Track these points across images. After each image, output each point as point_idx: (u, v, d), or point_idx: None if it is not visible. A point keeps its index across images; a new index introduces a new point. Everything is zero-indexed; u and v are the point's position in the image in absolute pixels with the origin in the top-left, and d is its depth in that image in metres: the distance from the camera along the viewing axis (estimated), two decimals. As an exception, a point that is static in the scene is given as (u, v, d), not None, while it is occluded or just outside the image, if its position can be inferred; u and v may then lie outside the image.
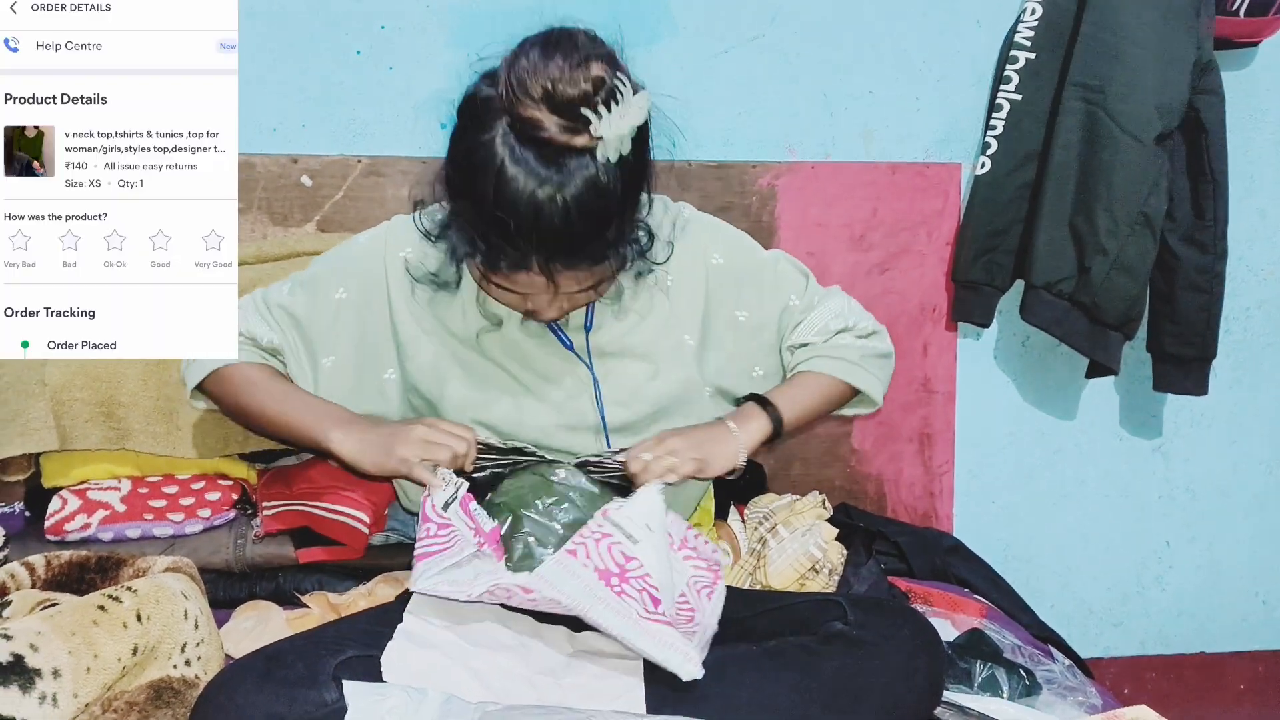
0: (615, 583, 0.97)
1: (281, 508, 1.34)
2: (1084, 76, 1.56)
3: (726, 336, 1.21)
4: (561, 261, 0.95)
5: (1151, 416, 1.87)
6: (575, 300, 1.03)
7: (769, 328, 1.23)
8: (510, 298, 1.02)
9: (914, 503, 1.78)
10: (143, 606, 0.84)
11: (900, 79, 1.69)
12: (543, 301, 1.01)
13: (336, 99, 1.56)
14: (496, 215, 0.92)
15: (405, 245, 1.14)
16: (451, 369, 1.13)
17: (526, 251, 0.94)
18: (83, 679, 0.76)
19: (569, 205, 0.91)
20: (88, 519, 1.32)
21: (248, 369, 1.16)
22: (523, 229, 0.92)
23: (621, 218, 0.97)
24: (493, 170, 0.92)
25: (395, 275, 1.14)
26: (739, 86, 1.65)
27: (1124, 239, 1.58)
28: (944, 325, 1.75)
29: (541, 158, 0.91)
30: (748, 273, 1.22)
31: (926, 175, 1.71)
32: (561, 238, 0.93)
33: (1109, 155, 1.55)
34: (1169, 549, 1.92)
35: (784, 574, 1.30)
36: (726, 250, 1.21)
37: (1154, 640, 1.94)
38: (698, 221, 1.21)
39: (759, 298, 1.22)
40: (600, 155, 0.91)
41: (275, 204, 1.55)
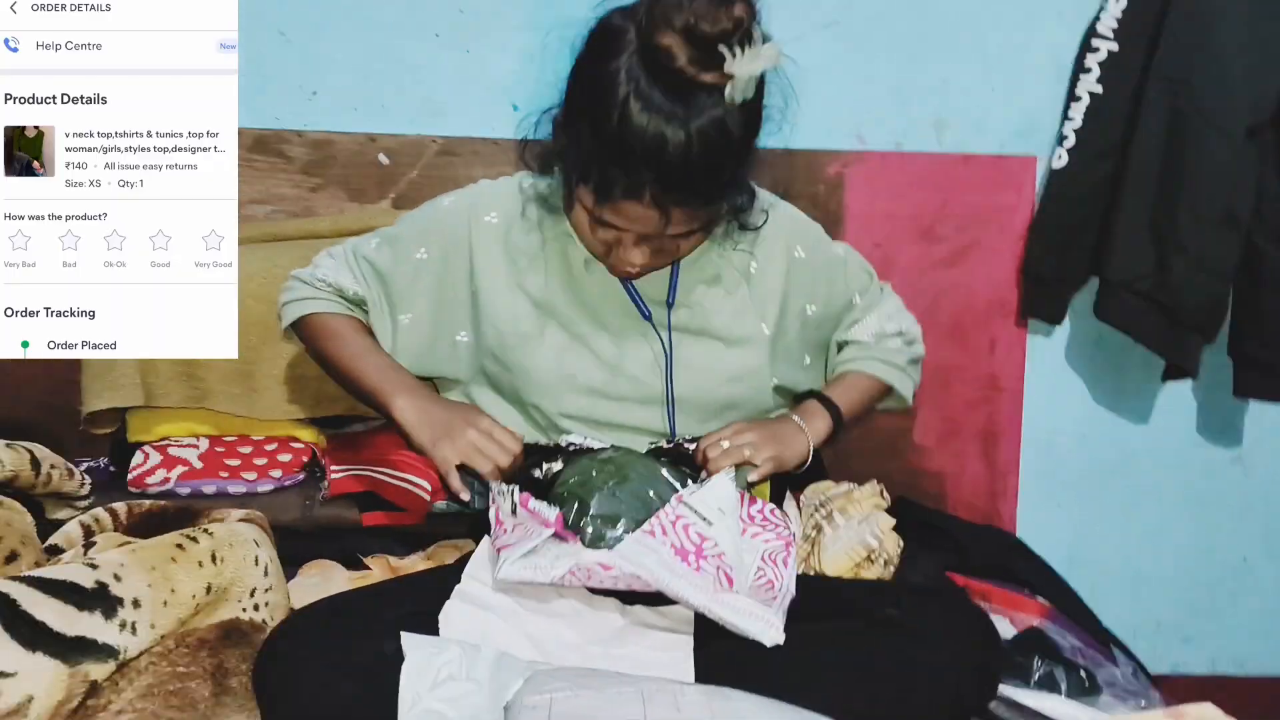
0: (692, 559, 0.99)
1: (348, 472, 1.39)
2: (1169, 68, 1.52)
3: (793, 326, 1.22)
4: (676, 196, 0.95)
5: (1231, 424, 1.81)
6: (664, 250, 1.04)
7: (830, 322, 1.26)
8: (608, 235, 1.03)
9: (975, 501, 1.76)
10: (218, 548, 0.87)
11: (976, 69, 1.66)
12: (635, 249, 1.02)
13: (414, 80, 1.60)
14: (618, 141, 0.93)
15: (492, 210, 1.17)
16: (531, 334, 1.15)
17: (643, 181, 0.94)
18: (160, 611, 0.80)
19: (691, 139, 0.92)
20: (167, 474, 1.38)
21: (334, 320, 1.20)
22: (645, 157, 0.93)
23: (737, 162, 0.98)
24: (618, 97, 0.93)
25: (479, 238, 1.16)
26: (811, 73, 1.63)
27: (1206, 237, 1.53)
28: (1013, 321, 1.72)
29: (669, 88, 0.92)
30: (824, 268, 1.24)
31: (1000, 168, 1.68)
32: (679, 170, 0.93)
33: (1193, 150, 1.51)
34: (1246, 564, 1.85)
35: (838, 561, 1.28)
36: (809, 244, 1.22)
37: (1226, 659, 1.88)
38: (783, 210, 1.23)
39: (829, 294, 1.24)
40: (727, 95, 0.92)
41: (352, 180, 1.60)
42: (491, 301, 1.15)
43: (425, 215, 1.23)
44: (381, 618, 0.93)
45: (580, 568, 0.96)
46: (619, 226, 1.00)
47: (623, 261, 1.05)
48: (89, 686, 0.76)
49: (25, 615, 0.73)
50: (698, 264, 1.16)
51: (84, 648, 0.75)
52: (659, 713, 0.81)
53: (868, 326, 1.28)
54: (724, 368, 1.17)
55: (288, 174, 1.59)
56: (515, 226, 1.15)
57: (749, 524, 1.11)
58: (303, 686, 0.88)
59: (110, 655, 0.77)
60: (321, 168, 1.59)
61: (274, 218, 1.60)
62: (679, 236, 1.02)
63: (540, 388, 1.14)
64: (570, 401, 1.14)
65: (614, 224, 1.00)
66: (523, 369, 1.15)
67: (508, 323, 1.15)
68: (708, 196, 0.98)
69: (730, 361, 1.17)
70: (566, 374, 1.14)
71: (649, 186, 0.94)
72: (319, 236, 1.55)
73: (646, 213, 0.97)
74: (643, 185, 0.94)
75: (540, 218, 1.15)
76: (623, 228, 1.00)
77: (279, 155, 1.58)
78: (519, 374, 1.15)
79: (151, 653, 0.81)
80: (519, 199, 1.18)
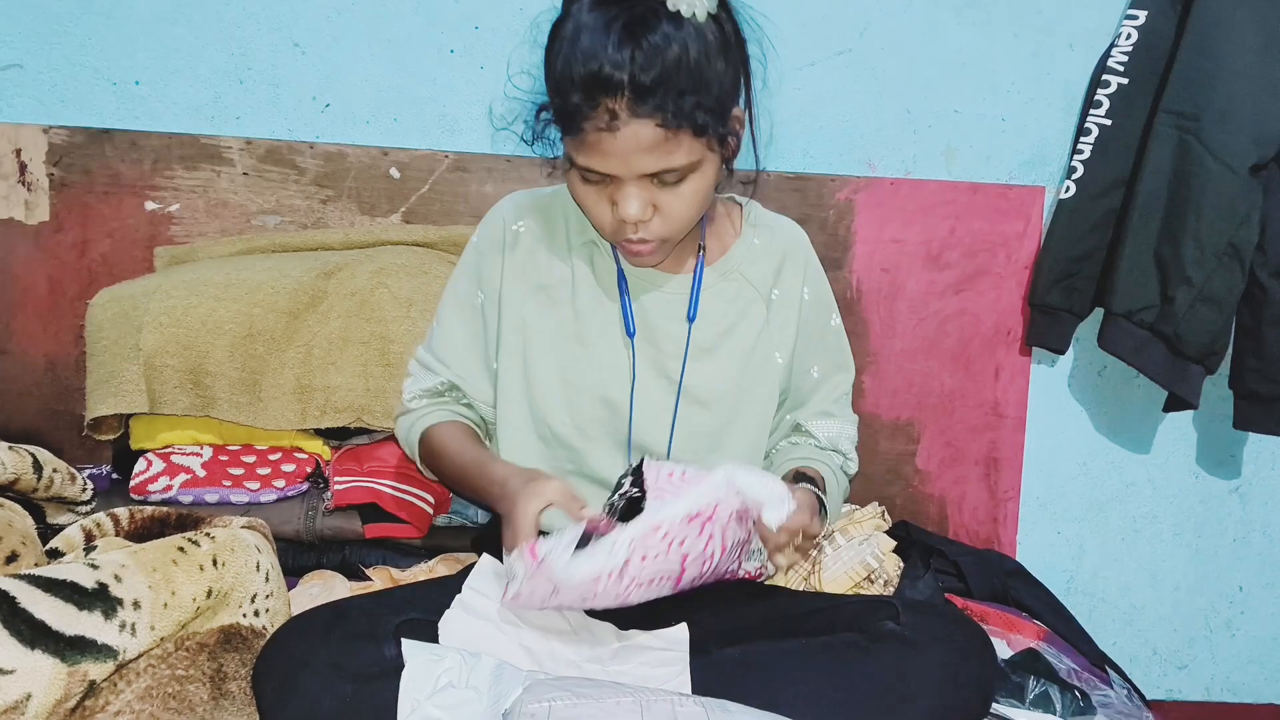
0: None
1: (352, 484, 1.39)
2: (1178, 103, 1.53)
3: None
4: (628, 101, 0.94)
5: (1230, 456, 1.81)
6: (661, 206, 1.03)
7: (788, 372, 1.24)
8: (602, 195, 1.03)
9: (976, 527, 1.76)
10: (219, 553, 0.87)
11: (987, 99, 1.68)
12: (630, 199, 1.00)
13: (428, 95, 1.62)
14: (568, 63, 0.96)
15: (520, 219, 1.20)
16: (546, 337, 1.16)
17: (597, 98, 0.95)
18: (160, 613, 0.80)
19: (635, 47, 0.93)
20: (170, 481, 1.38)
21: (435, 434, 1.20)
22: (589, 66, 0.94)
23: (693, 80, 0.96)
24: (566, 27, 0.97)
25: (512, 248, 1.19)
26: (823, 99, 1.66)
27: (1210, 270, 1.54)
28: (1018, 349, 1.73)
29: (611, 3, 0.95)
30: (817, 324, 1.26)
31: (1009, 197, 1.69)
32: (629, 79, 0.93)
33: (1199, 184, 1.52)
34: (1242, 594, 1.85)
35: (839, 580, 1.29)
36: (814, 287, 1.25)
37: (1220, 687, 1.87)
38: (807, 247, 1.26)
39: (808, 347, 1.25)
40: (671, 5, 0.95)
41: (364, 193, 1.61)
42: (515, 322, 1.17)
43: (465, 264, 1.24)
44: (382, 624, 0.93)
45: (637, 541, 0.91)
46: (600, 171, 1.00)
47: (625, 216, 1.02)
48: (88, 686, 0.75)
49: (24, 613, 0.73)
50: (719, 279, 1.18)
51: (83, 647, 0.75)
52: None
53: (830, 431, 1.27)
54: (735, 393, 1.17)
55: (299, 185, 1.60)
56: (538, 231, 1.19)
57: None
58: (302, 690, 0.87)
59: (109, 656, 0.76)
60: (333, 180, 1.60)
61: (284, 228, 1.61)
62: (664, 179, 1.01)
63: (553, 397, 1.15)
64: (585, 416, 1.15)
65: (595, 169, 1.00)
66: (534, 378, 1.16)
67: (530, 331, 1.17)
68: (662, 109, 0.95)
69: (742, 387, 1.17)
70: (565, 379, 1.15)
71: (604, 100, 0.95)
72: (329, 248, 1.57)
73: (615, 141, 0.96)
74: (597, 102, 0.95)
75: (565, 217, 1.19)
76: (602, 172, 1.00)
77: (291, 166, 1.59)
78: (532, 380, 1.16)
79: (151, 655, 0.81)
80: (541, 205, 1.21)
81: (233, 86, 1.58)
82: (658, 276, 1.18)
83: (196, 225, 1.59)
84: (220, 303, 1.40)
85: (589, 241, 1.19)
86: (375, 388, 1.41)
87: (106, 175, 1.56)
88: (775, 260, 1.22)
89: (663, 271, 1.18)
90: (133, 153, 1.56)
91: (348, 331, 1.41)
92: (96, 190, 1.56)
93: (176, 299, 1.39)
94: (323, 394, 1.41)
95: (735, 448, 1.18)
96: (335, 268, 1.48)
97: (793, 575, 1.32)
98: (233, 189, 1.58)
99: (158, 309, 1.38)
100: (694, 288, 1.17)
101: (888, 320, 1.70)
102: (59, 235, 1.56)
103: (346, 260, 1.50)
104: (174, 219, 1.58)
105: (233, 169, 1.58)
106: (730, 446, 1.18)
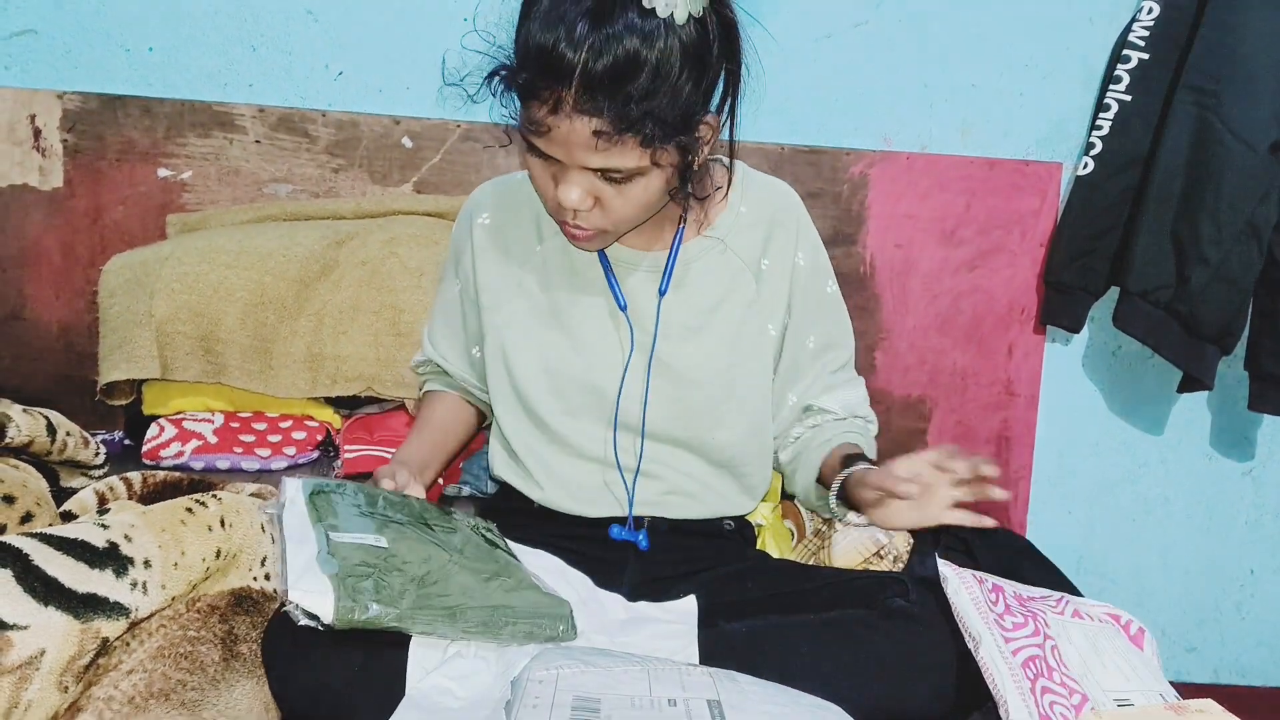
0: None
1: (362, 452, 1.39)
2: (1199, 80, 1.51)
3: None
4: (574, 94, 0.89)
5: (1244, 438, 1.80)
6: (603, 199, 0.99)
7: (780, 343, 1.21)
8: (546, 171, 0.99)
9: (986, 506, 1.74)
10: (226, 514, 0.88)
11: (1005, 73, 1.66)
12: (570, 186, 0.96)
13: (440, 63, 1.60)
14: (528, 34, 0.91)
15: (483, 212, 1.19)
16: (524, 327, 1.15)
17: (545, 71, 0.89)
18: (170, 573, 0.80)
19: (600, 12, 0.88)
20: (182, 447, 1.38)
21: (427, 403, 1.29)
22: (551, 28, 0.88)
23: (650, 89, 0.90)
24: (532, 3, 0.92)
25: (479, 243, 1.18)
26: (839, 72, 1.65)
27: (1228, 249, 1.52)
28: (1032, 328, 1.72)
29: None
30: (814, 293, 1.21)
31: (1025, 173, 1.68)
32: (579, 49, 0.88)
33: (1218, 162, 1.50)
34: (1252, 577, 1.85)
35: (848, 556, 1.28)
36: (808, 253, 1.20)
37: (1229, 669, 1.87)
38: (799, 211, 1.20)
39: (804, 315, 1.21)
40: (647, 2, 0.88)
41: (376, 163, 1.60)
42: (492, 304, 1.17)
43: (450, 249, 1.26)
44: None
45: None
46: (547, 155, 0.96)
47: (562, 202, 0.99)
48: (101, 644, 0.76)
49: (38, 570, 0.73)
50: (703, 252, 1.15)
51: (95, 605, 0.75)
52: (664, 690, 0.81)
53: (843, 400, 1.25)
54: (714, 369, 1.14)
55: (311, 154, 1.59)
56: (508, 225, 1.18)
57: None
58: (312, 659, 0.88)
59: (121, 614, 0.77)
60: (345, 149, 1.59)
61: (296, 197, 1.61)
62: (608, 175, 0.96)
63: (525, 382, 1.15)
64: (546, 392, 1.15)
65: (543, 151, 0.96)
66: (514, 364, 1.15)
67: (505, 318, 1.16)
68: (612, 114, 0.90)
69: (731, 366, 1.14)
70: (548, 367, 1.14)
71: (553, 84, 0.90)
72: (340, 218, 1.56)
73: (556, 131, 0.92)
74: (547, 84, 0.90)
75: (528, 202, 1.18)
76: (548, 155, 0.96)
77: (303, 135, 1.59)
78: (512, 367, 1.15)
79: (162, 615, 0.81)
80: (509, 194, 1.19)
81: (245, 54, 1.58)
82: (634, 255, 1.14)
83: (208, 193, 1.59)
84: (232, 270, 1.40)
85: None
86: (386, 357, 1.41)
87: (120, 142, 1.56)
88: (763, 228, 1.17)
89: (638, 251, 1.15)
90: (145, 119, 1.56)
91: (359, 300, 1.41)
92: (109, 157, 1.56)
93: (189, 266, 1.39)
94: (333, 362, 1.41)
95: (736, 425, 1.16)
96: (347, 237, 1.47)
97: (802, 551, 1.32)
98: (245, 157, 1.58)
99: (170, 275, 1.38)
100: (669, 261, 1.13)
101: (900, 297, 1.69)
102: (72, 201, 1.57)
103: (358, 229, 1.49)
104: (186, 186, 1.58)
105: (245, 137, 1.58)
106: (731, 423, 1.16)
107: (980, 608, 0.94)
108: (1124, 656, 0.98)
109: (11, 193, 1.56)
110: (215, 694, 0.81)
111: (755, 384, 1.17)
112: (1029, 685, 0.89)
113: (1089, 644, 0.97)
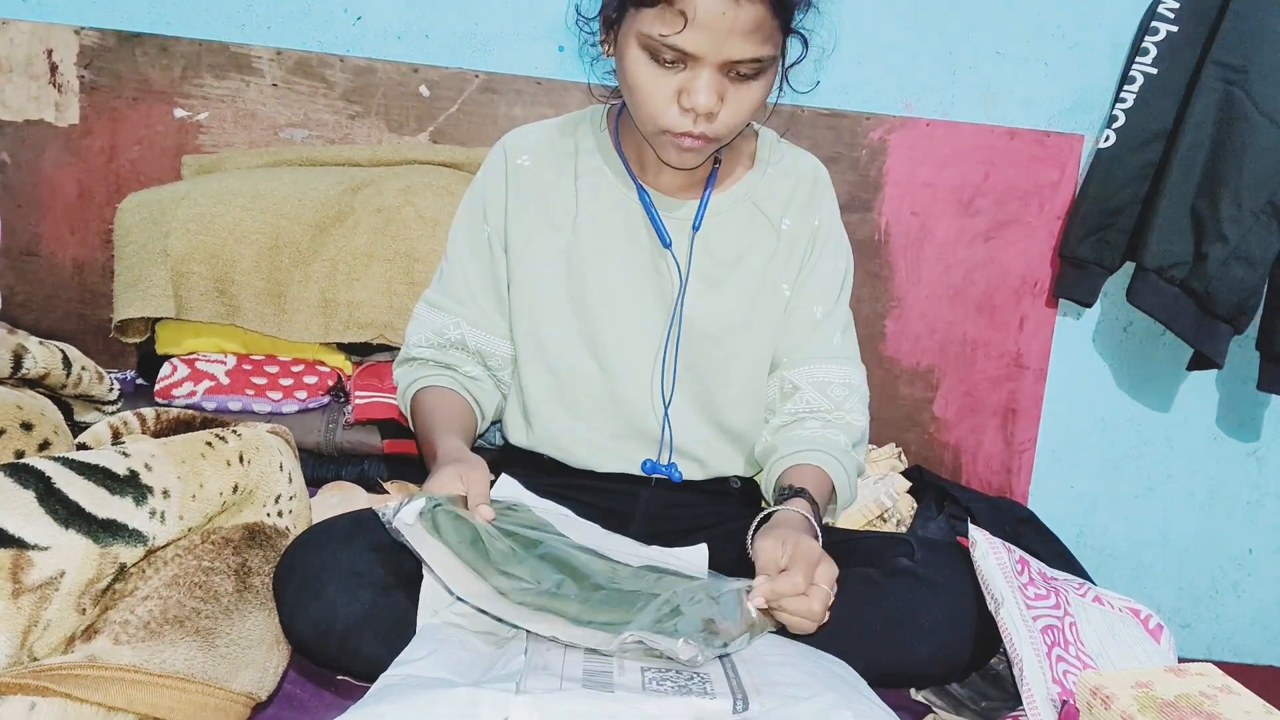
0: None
1: (373, 399, 1.40)
2: (1226, 54, 1.49)
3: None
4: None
5: (1250, 418, 1.80)
6: (731, 101, 0.99)
7: (787, 302, 1.18)
8: (672, 81, 0.98)
9: (990, 477, 1.76)
10: (245, 450, 0.88)
11: (1030, 42, 1.64)
12: (706, 90, 0.96)
13: (461, 12, 1.59)
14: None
15: (522, 154, 1.16)
16: (554, 280, 1.14)
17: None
18: (188, 504, 0.81)
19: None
20: (194, 387, 1.39)
21: (423, 396, 1.15)
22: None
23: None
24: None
25: (515, 185, 1.15)
26: (862, 36, 1.63)
27: (1247, 227, 1.52)
28: (1044, 301, 1.71)
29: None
30: (828, 255, 1.19)
31: (1046, 144, 1.66)
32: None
33: (1243, 138, 1.49)
34: (1251, 556, 1.86)
35: (852, 518, 1.30)
36: (825, 219, 1.19)
37: (1222, 647, 1.89)
38: (825, 181, 1.20)
39: (811, 279, 1.19)
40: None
41: (393, 111, 1.59)
42: (520, 254, 1.14)
43: (471, 198, 1.20)
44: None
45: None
46: (683, 50, 0.95)
47: (699, 104, 0.97)
48: (118, 569, 0.77)
49: (59, 493, 0.74)
50: (730, 206, 1.15)
51: (114, 530, 0.76)
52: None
53: (828, 391, 1.15)
54: (734, 312, 1.14)
55: (328, 99, 1.58)
56: (545, 164, 1.15)
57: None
58: (323, 595, 0.89)
59: (139, 541, 0.78)
60: (362, 95, 1.58)
61: (311, 143, 1.60)
62: (740, 71, 0.97)
63: (557, 328, 1.13)
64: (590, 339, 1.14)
65: (680, 47, 0.95)
66: (541, 315, 1.14)
67: (535, 263, 1.14)
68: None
69: (745, 319, 1.14)
70: (579, 312, 1.13)
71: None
72: (355, 164, 1.56)
73: (723, 19, 0.92)
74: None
75: (574, 150, 1.16)
76: (687, 51, 0.95)
77: (320, 80, 1.58)
78: (538, 317, 1.14)
79: (178, 545, 0.82)
80: (548, 139, 1.17)
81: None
82: (669, 202, 1.14)
83: (224, 135, 1.58)
84: (247, 213, 1.39)
85: (597, 167, 1.15)
86: (399, 305, 1.41)
87: (136, 80, 1.55)
88: (788, 189, 1.17)
89: (673, 199, 1.14)
90: (163, 58, 1.55)
91: (373, 248, 1.41)
92: (126, 95, 1.55)
93: (204, 206, 1.39)
94: (346, 309, 1.41)
95: (740, 382, 1.16)
96: (362, 184, 1.47)
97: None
98: (261, 100, 1.57)
99: (186, 215, 1.38)
100: (701, 203, 1.13)
101: (914, 265, 1.69)
102: (88, 139, 1.56)
103: (374, 177, 1.49)
104: (202, 128, 1.58)
105: (262, 80, 1.57)
106: (736, 380, 1.15)
107: (1006, 573, 0.95)
108: (1140, 646, 1.00)
109: (27, 128, 1.55)
110: (228, 623, 0.82)
111: (762, 343, 1.17)
112: (1045, 649, 0.91)
113: (1107, 628, 0.99)
